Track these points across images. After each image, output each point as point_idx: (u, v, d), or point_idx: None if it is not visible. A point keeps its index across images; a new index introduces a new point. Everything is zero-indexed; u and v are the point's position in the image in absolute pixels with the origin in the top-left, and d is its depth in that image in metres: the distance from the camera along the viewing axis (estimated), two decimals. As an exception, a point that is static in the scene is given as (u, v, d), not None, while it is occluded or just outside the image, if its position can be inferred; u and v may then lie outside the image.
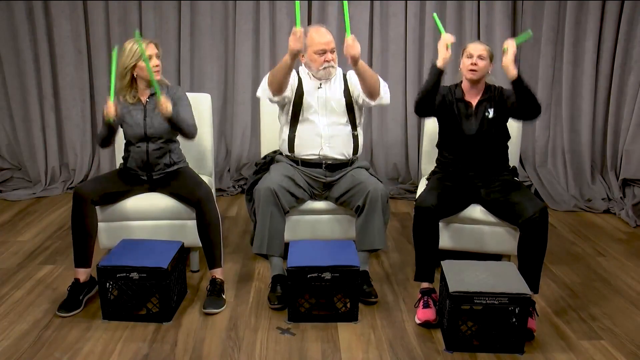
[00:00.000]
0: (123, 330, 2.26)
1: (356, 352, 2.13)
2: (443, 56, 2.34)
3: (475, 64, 2.45)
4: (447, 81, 2.63)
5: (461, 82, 2.58)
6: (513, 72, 2.28)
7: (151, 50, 2.50)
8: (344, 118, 2.70)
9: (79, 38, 4.09)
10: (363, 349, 2.15)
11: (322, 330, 2.28)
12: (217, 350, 2.13)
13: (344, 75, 2.77)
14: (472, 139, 2.52)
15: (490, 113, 2.51)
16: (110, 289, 2.33)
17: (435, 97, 2.43)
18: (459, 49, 2.70)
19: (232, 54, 4.16)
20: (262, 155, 3.06)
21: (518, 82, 2.30)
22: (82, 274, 2.47)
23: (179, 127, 2.53)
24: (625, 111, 3.91)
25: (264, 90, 2.63)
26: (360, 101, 2.68)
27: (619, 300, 2.57)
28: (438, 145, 2.71)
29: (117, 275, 2.29)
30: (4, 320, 2.33)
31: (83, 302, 2.44)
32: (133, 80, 2.56)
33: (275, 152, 2.91)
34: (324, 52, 2.62)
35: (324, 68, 2.64)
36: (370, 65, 4.13)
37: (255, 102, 4.09)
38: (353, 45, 2.39)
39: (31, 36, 4.06)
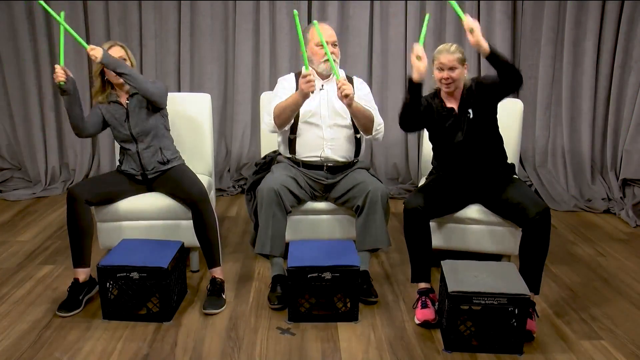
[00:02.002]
0: (123, 330, 2.26)
1: (356, 352, 2.13)
2: (417, 69, 2.21)
3: (448, 77, 2.37)
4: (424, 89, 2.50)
5: (438, 89, 2.50)
6: (486, 48, 2.16)
7: (115, 53, 2.53)
8: (347, 120, 2.70)
9: (80, 38, 4.08)
10: (363, 349, 2.15)
11: (322, 330, 2.28)
12: (217, 350, 2.13)
13: (349, 78, 2.76)
14: (462, 145, 2.46)
15: (471, 113, 2.43)
16: (110, 289, 2.33)
17: (418, 112, 2.34)
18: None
19: (232, 54, 4.16)
20: (262, 155, 3.05)
21: (493, 56, 2.19)
22: (82, 274, 2.47)
23: (128, 81, 2.46)
24: (625, 111, 3.91)
25: (268, 125, 2.65)
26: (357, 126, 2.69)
27: (619, 300, 2.57)
28: (433, 151, 2.66)
29: (118, 275, 2.29)
30: (4, 320, 2.33)
31: (83, 302, 2.44)
32: (106, 83, 2.62)
33: (275, 152, 2.91)
34: (327, 44, 2.59)
35: (325, 61, 2.62)
36: (370, 65, 4.13)
37: (255, 102, 4.09)
38: (346, 85, 2.36)
39: (31, 36, 4.06)
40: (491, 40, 3.91)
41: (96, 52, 2.38)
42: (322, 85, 2.70)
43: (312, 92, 2.44)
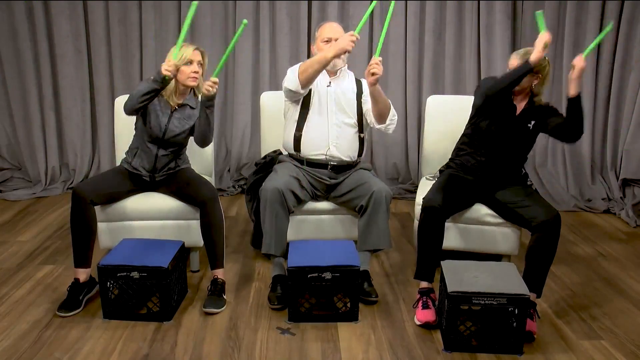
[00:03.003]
0: (123, 330, 2.26)
1: (356, 352, 2.13)
2: (538, 55, 2.28)
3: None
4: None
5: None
6: (573, 90, 2.30)
7: (194, 56, 2.51)
8: (353, 119, 2.70)
9: (79, 38, 4.09)
10: (363, 349, 2.15)
11: (322, 330, 2.28)
12: (217, 350, 2.13)
13: (358, 80, 2.76)
14: (505, 140, 2.49)
15: (532, 124, 2.49)
16: (110, 288, 2.33)
17: (510, 92, 2.41)
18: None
19: (232, 54, 4.16)
20: (262, 155, 3.05)
21: (575, 101, 2.31)
22: (82, 274, 2.47)
23: (209, 120, 2.48)
24: (625, 111, 3.91)
25: (292, 82, 2.55)
26: (368, 119, 2.70)
27: (619, 300, 2.57)
28: (466, 135, 2.63)
29: (118, 274, 2.29)
30: (4, 320, 2.33)
31: (83, 302, 2.44)
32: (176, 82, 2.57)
33: (275, 152, 2.91)
34: (329, 40, 2.61)
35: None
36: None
37: (255, 102, 4.09)
38: (379, 66, 2.40)
39: (31, 36, 4.06)
40: (491, 41, 3.93)
41: (215, 89, 2.38)
42: (330, 83, 2.70)
43: (348, 51, 2.41)
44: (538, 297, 2.31)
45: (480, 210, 2.59)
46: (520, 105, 2.50)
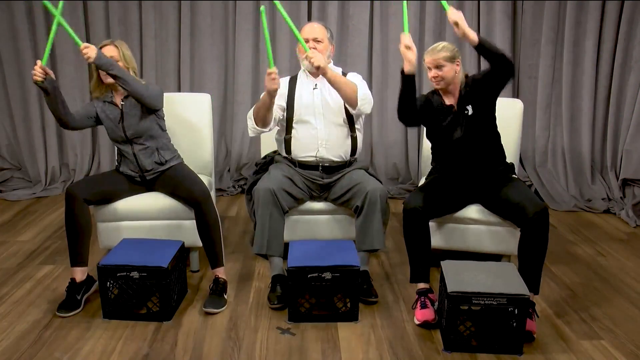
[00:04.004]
0: (123, 330, 2.26)
1: (356, 352, 2.13)
2: (407, 59, 2.23)
3: (437, 76, 2.38)
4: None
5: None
6: (473, 38, 2.20)
7: (108, 52, 2.51)
8: (342, 119, 2.69)
9: (79, 38, 4.07)
10: (363, 349, 2.15)
11: (322, 330, 2.28)
12: (217, 350, 2.13)
13: (344, 74, 2.74)
14: (461, 142, 2.46)
15: (469, 110, 2.44)
16: (110, 288, 2.33)
17: (414, 104, 2.35)
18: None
19: (232, 54, 4.16)
20: (262, 155, 3.06)
21: (481, 45, 2.22)
22: (78, 273, 2.47)
23: (121, 84, 2.41)
24: (625, 111, 3.91)
25: (252, 129, 2.65)
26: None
27: (619, 300, 2.57)
28: (431, 150, 2.65)
29: (118, 274, 2.29)
30: (4, 320, 2.33)
31: (82, 301, 2.44)
32: (101, 81, 2.58)
33: (275, 152, 2.91)
34: (306, 41, 2.59)
35: (305, 57, 2.55)
36: (370, 65, 4.13)
37: (255, 102, 4.09)
38: (314, 56, 2.38)
39: (31, 36, 4.06)
40: (491, 40, 3.92)
41: (90, 51, 2.34)
42: (316, 85, 2.70)
43: (275, 89, 2.42)
44: (536, 295, 2.31)
45: (478, 210, 2.59)
46: (454, 100, 2.47)
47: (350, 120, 2.70)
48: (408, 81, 2.29)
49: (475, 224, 2.62)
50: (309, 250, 2.44)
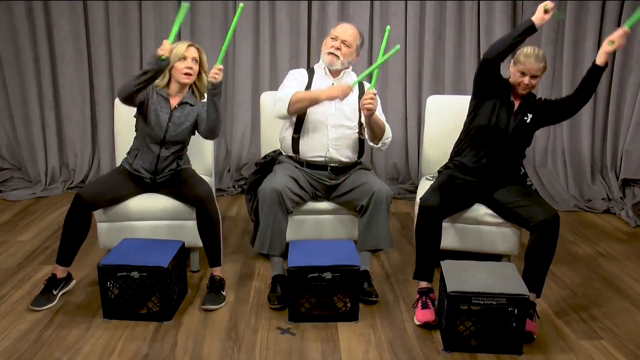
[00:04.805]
0: (123, 330, 2.26)
1: (356, 352, 2.13)
2: (541, 16, 2.33)
3: (528, 84, 2.43)
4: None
5: (509, 78, 2.55)
6: (602, 60, 2.31)
7: (188, 52, 2.51)
8: (354, 122, 2.69)
9: (79, 38, 4.09)
10: (363, 349, 2.15)
11: (322, 330, 2.28)
12: (217, 350, 2.13)
13: (360, 83, 2.76)
14: (505, 135, 2.49)
15: (529, 118, 2.50)
16: (110, 288, 2.33)
17: (512, 51, 2.41)
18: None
19: (232, 54, 4.16)
20: (262, 155, 3.05)
21: (600, 70, 2.33)
22: (60, 271, 2.49)
23: (216, 109, 2.44)
24: (625, 111, 3.91)
25: (280, 109, 2.60)
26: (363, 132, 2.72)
27: (619, 300, 2.57)
28: (465, 133, 2.62)
29: (118, 274, 2.29)
30: (4, 320, 2.33)
31: (57, 297, 2.47)
32: (170, 80, 2.57)
33: (275, 152, 2.91)
34: (336, 39, 2.64)
35: (329, 53, 2.65)
36: (370, 64, 4.13)
37: (255, 102, 4.09)
38: (374, 100, 2.43)
39: (31, 36, 4.06)
40: (491, 40, 3.92)
41: (220, 76, 2.35)
42: (332, 84, 2.70)
43: (342, 99, 2.51)
44: (538, 297, 2.31)
45: (480, 210, 2.59)
46: (518, 100, 2.53)
47: (361, 123, 2.71)
48: (529, 31, 2.35)
49: (476, 224, 2.62)
50: (309, 250, 2.44)
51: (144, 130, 2.58)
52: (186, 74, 2.51)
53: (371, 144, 2.69)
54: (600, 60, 2.31)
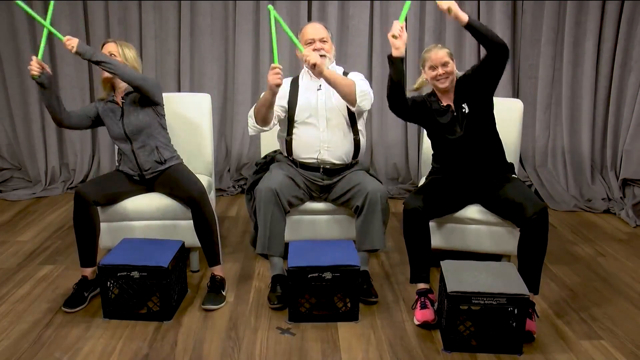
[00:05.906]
0: (123, 329, 2.26)
1: (356, 352, 2.13)
2: (395, 46, 2.26)
3: (443, 73, 2.41)
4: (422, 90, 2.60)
5: (433, 90, 2.54)
6: (463, 18, 2.23)
7: (106, 49, 2.57)
8: (345, 121, 2.68)
9: (79, 38, 4.08)
10: (363, 349, 2.15)
11: (322, 330, 2.28)
12: (217, 350, 2.13)
13: (345, 73, 2.73)
14: (460, 141, 2.46)
15: (466, 108, 2.45)
16: (111, 288, 2.33)
17: (403, 92, 2.38)
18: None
19: (232, 54, 4.16)
20: (262, 155, 3.06)
21: (471, 25, 2.25)
22: (89, 272, 2.53)
23: (111, 71, 2.42)
24: (625, 111, 3.91)
25: (253, 127, 2.64)
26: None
27: (619, 300, 2.57)
28: (432, 150, 2.65)
29: (118, 274, 2.29)
30: (4, 320, 2.34)
31: (88, 299, 2.47)
32: (110, 83, 2.63)
33: (275, 151, 2.91)
34: (312, 41, 2.61)
35: (321, 56, 2.58)
36: (370, 65, 4.13)
37: (255, 101, 4.09)
38: (309, 55, 2.41)
39: (31, 36, 4.06)
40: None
41: (72, 41, 2.39)
42: (320, 86, 2.69)
43: (279, 85, 2.41)
44: (535, 295, 2.30)
45: (477, 210, 2.59)
46: (451, 100, 2.49)
47: (353, 122, 2.69)
48: (395, 65, 2.30)
49: (475, 224, 2.62)
50: (309, 250, 2.44)
51: (112, 136, 2.67)
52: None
53: (353, 108, 2.59)
54: (462, 22, 2.24)
